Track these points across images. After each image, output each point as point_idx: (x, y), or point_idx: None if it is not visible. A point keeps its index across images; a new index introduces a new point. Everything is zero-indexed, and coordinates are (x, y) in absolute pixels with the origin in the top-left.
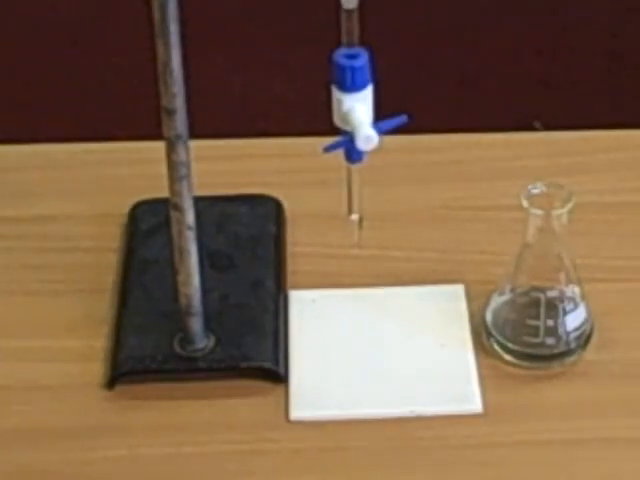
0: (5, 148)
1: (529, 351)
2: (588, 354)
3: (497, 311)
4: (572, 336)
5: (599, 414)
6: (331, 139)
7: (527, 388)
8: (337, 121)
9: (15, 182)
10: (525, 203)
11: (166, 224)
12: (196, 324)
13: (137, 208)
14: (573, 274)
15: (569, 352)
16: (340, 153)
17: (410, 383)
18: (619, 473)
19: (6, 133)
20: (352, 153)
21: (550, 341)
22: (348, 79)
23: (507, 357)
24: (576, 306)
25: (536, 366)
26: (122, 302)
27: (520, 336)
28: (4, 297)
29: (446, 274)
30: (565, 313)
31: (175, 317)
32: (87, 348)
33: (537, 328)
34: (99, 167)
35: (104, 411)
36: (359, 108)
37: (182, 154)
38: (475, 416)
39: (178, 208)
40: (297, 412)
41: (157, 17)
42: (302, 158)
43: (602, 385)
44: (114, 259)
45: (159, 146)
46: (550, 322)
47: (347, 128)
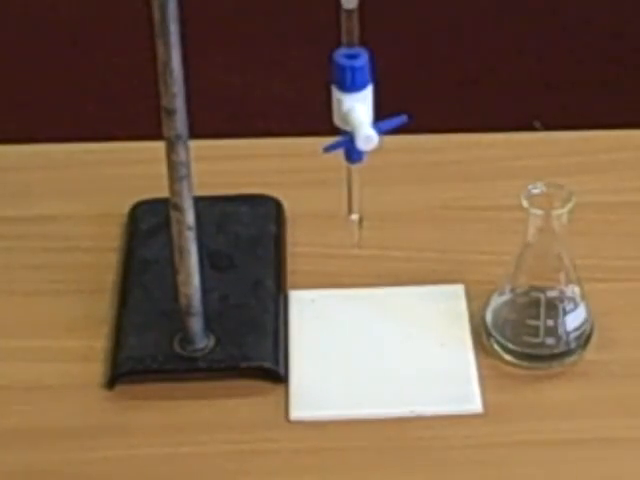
0: (5, 148)
1: (529, 351)
2: (588, 354)
3: (497, 311)
4: (572, 336)
5: (599, 414)
6: (331, 139)
7: (527, 388)
8: (337, 121)
9: (15, 182)
10: (525, 203)
11: (166, 224)
12: (196, 324)
13: (137, 208)
14: (573, 274)
15: (569, 352)
16: (340, 153)
17: (410, 383)
18: (619, 473)
19: (6, 133)
20: (352, 153)
21: (550, 341)
22: (348, 79)
23: (507, 357)
24: (576, 306)
25: (536, 366)
26: (122, 302)
27: (520, 336)
28: (4, 297)
29: (446, 274)
30: (565, 313)
31: (175, 317)
32: (87, 348)
33: (537, 328)
34: (99, 167)
35: (104, 411)
36: (359, 108)
37: (182, 154)
38: (475, 416)
39: (178, 208)
40: (297, 412)
41: (157, 17)
42: (302, 158)
43: (602, 385)
44: (114, 259)
45: (159, 146)
46: (550, 322)
47: (347, 128)
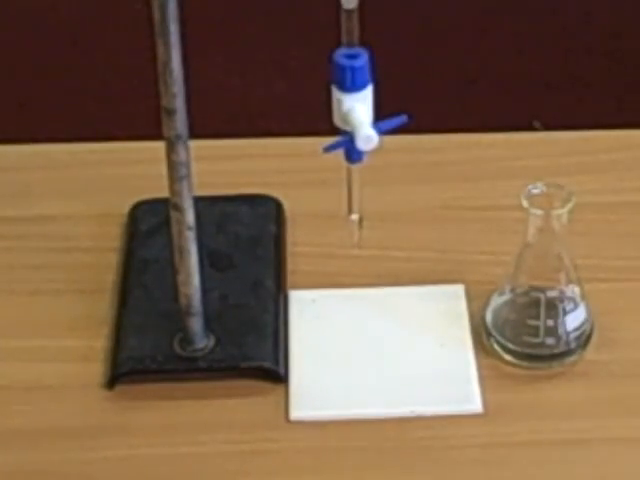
0: (5, 148)
1: (529, 351)
2: (588, 354)
3: (497, 311)
4: (572, 336)
5: (599, 414)
6: (331, 139)
7: (527, 388)
8: (337, 121)
9: (15, 182)
10: (525, 203)
11: (166, 224)
12: (196, 324)
13: (137, 208)
14: (573, 274)
15: (569, 352)
16: (340, 153)
17: (410, 383)
18: (619, 473)
19: (6, 133)
20: (352, 153)
21: (550, 341)
22: (348, 79)
23: (507, 357)
24: (576, 306)
25: (536, 366)
26: (122, 302)
27: (520, 336)
28: (4, 297)
29: (446, 274)
30: (565, 313)
31: (175, 317)
32: (87, 348)
33: (537, 328)
34: (99, 167)
35: (104, 411)
36: (359, 108)
37: (182, 154)
38: (475, 416)
39: (178, 208)
40: (297, 412)
41: (157, 17)
42: (302, 158)
43: (602, 385)
44: (114, 259)
45: (159, 146)
46: (550, 322)
47: (347, 128)
